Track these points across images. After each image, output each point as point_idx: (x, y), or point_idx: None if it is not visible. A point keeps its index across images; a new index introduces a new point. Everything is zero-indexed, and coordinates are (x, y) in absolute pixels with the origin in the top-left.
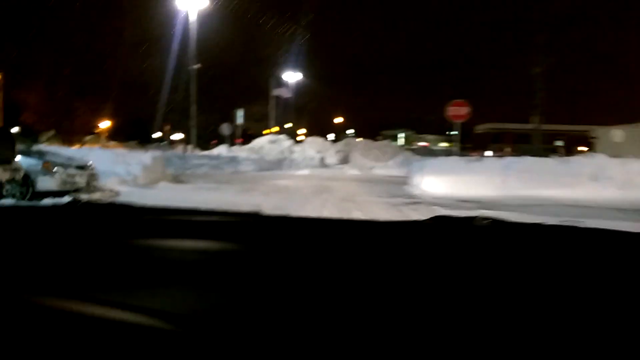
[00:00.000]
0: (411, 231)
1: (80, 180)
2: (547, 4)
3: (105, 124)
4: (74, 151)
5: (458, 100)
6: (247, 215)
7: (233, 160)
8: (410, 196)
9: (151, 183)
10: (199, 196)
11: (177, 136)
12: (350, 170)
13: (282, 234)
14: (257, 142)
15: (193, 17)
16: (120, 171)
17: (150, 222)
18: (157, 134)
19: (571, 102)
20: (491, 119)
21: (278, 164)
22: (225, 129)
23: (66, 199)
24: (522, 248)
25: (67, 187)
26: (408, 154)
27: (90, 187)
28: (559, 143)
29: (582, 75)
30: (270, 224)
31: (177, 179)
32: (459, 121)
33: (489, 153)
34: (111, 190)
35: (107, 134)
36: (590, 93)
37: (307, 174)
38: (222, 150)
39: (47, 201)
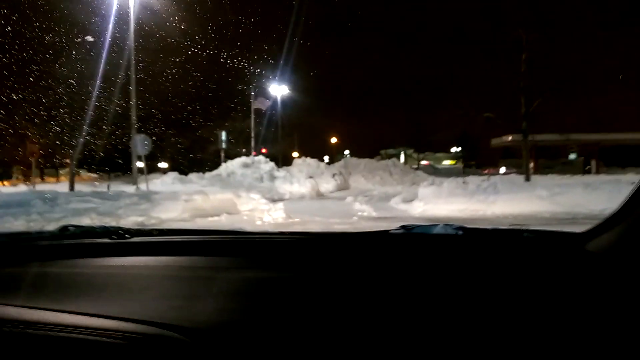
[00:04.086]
0: (381, 241)
1: None
2: None
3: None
4: None
5: None
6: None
7: (145, 199)
8: None
9: None
10: None
11: (163, 165)
12: (359, 206)
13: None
14: (227, 166)
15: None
16: None
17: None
18: (140, 163)
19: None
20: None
21: (231, 203)
22: (138, 145)
23: None
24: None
25: None
26: (421, 173)
27: None
28: (572, 156)
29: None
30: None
31: None
32: None
33: (502, 170)
34: None
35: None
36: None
37: (281, 220)
38: (156, 181)
39: None
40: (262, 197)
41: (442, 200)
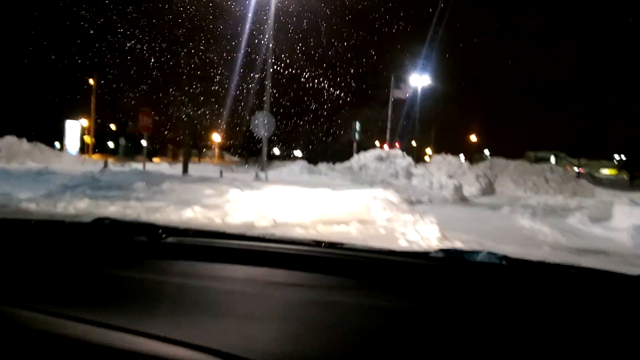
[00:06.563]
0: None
1: None
2: None
3: (216, 138)
4: None
5: None
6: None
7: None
8: None
9: None
10: None
11: (298, 153)
12: (527, 222)
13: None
14: (360, 158)
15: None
16: None
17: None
18: (275, 150)
19: None
20: None
21: (364, 208)
22: (259, 125)
23: None
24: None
25: None
26: (585, 182)
27: None
28: None
29: None
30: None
31: None
32: None
33: None
34: None
35: (219, 148)
36: None
37: (434, 241)
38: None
39: None
40: (402, 200)
41: None
